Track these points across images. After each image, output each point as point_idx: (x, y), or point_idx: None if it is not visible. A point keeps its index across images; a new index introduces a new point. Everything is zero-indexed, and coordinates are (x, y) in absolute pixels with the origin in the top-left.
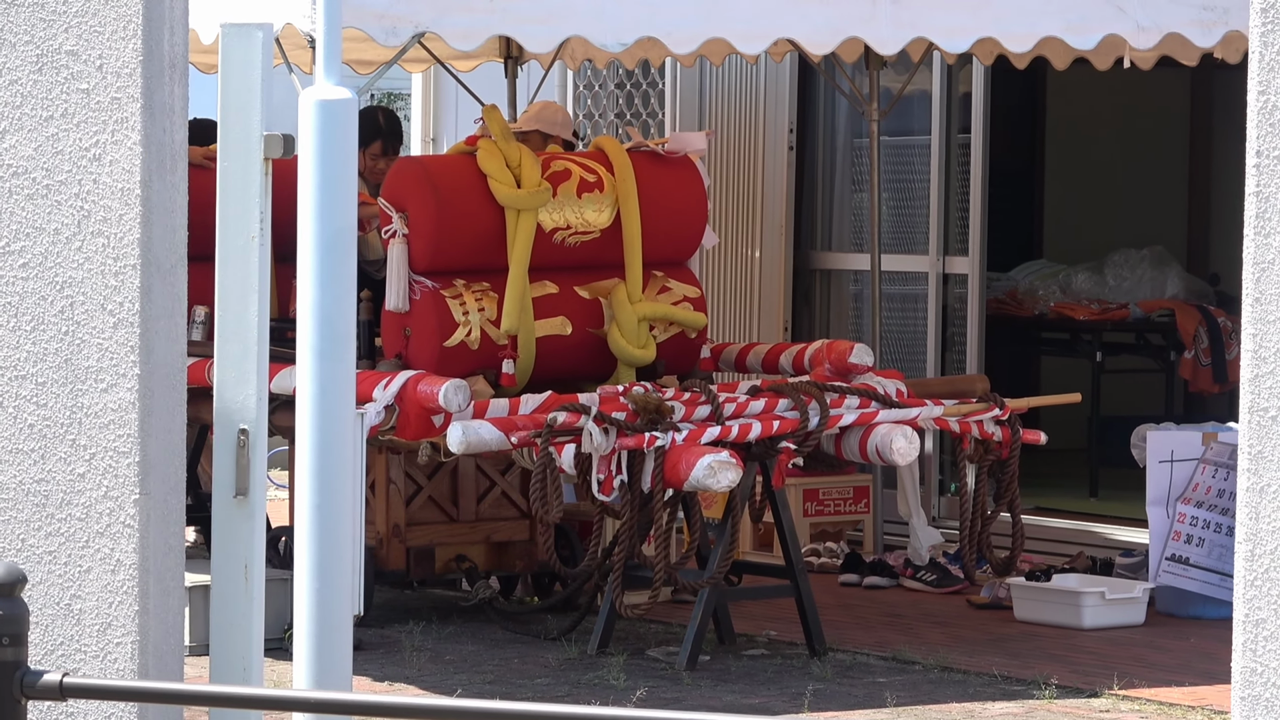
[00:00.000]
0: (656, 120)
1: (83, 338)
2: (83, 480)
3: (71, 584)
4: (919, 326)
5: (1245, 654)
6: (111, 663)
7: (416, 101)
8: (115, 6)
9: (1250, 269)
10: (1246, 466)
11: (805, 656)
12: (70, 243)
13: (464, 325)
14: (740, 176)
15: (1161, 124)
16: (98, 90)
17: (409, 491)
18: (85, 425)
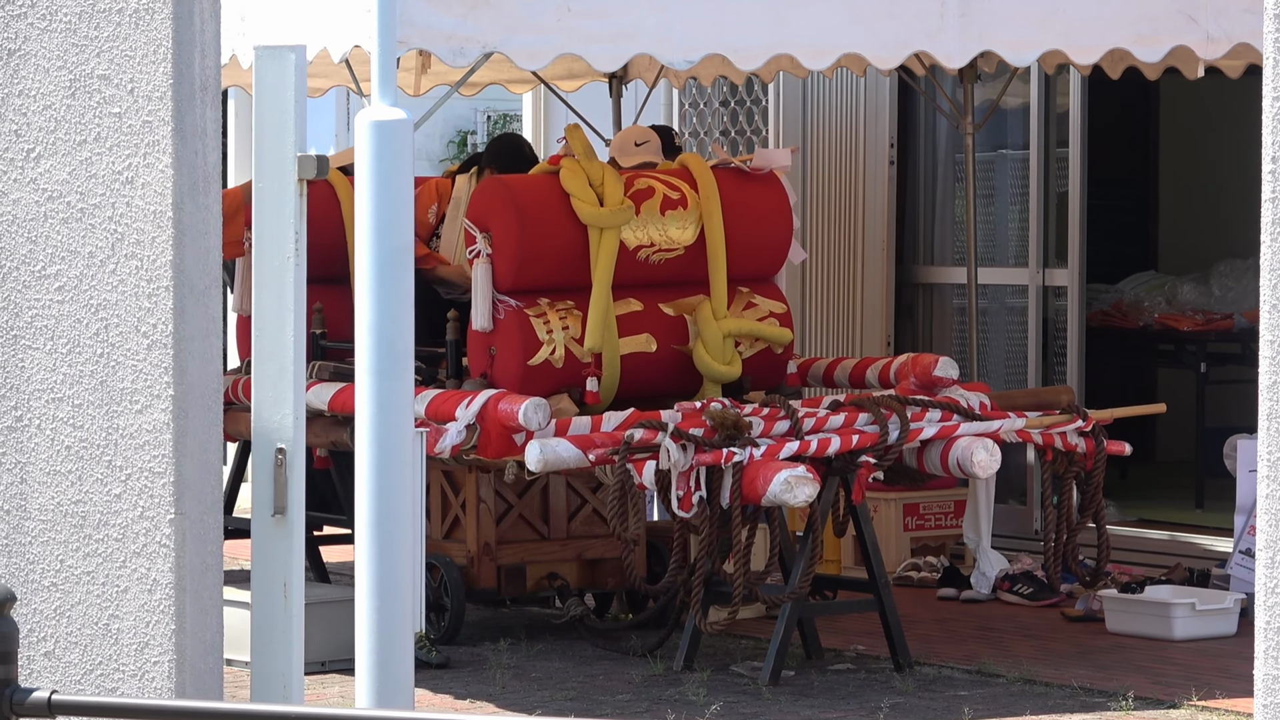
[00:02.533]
0: (760, 137)
1: (118, 359)
2: (119, 501)
3: (110, 604)
4: (1020, 339)
5: (1267, 661)
6: (149, 681)
7: (528, 121)
8: (146, 31)
9: (1267, 275)
10: (1266, 474)
11: (889, 671)
12: (104, 265)
13: (548, 344)
14: (842, 192)
15: None
16: (129, 114)
17: (499, 510)
18: (121, 446)
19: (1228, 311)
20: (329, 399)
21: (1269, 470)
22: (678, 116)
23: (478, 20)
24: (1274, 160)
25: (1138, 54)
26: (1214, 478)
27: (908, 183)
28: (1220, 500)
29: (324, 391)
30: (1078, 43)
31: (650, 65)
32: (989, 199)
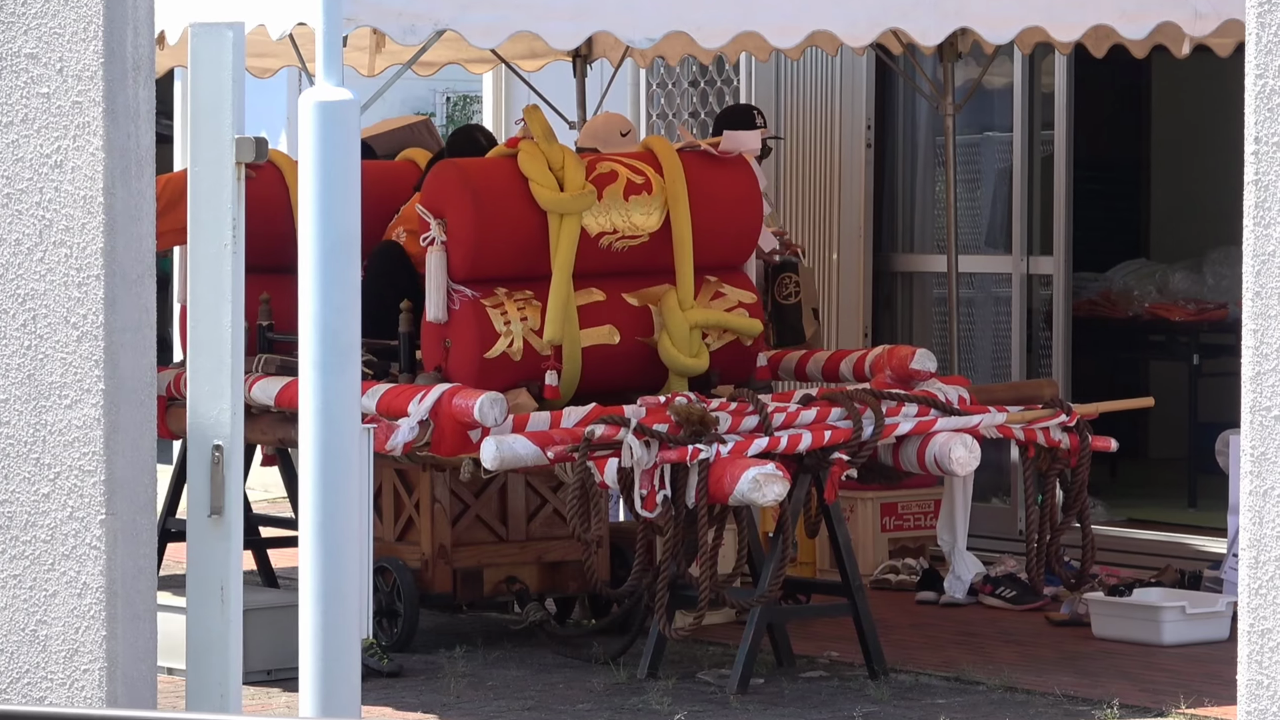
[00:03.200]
0: None
1: (46, 352)
2: (47, 501)
3: (37, 609)
4: (1004, 330)
5: (1251, 666)
6: (79, 690)
7: (488, 102)
8: (75, 7)
9: (1250, 261)
10: (1249, 469)
11: (864, 678)
12: (31, 254)
13: (505, 336)
14: (817, 176)
15: None
16: (58, 94)
17: (455, 511)
18: (49, 443)
19: (1221, 301)
20: (275, 394)
21: (1253, 466)
22: (644, 97)
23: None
24: (1257, 141)
25: (1122, 31)
26: (1207, 475)
27: (886, 167)
28: (1214, 499)
29: (270, 386)
30: (1059, 19)
31: (615, 44)
32: (971, 183)
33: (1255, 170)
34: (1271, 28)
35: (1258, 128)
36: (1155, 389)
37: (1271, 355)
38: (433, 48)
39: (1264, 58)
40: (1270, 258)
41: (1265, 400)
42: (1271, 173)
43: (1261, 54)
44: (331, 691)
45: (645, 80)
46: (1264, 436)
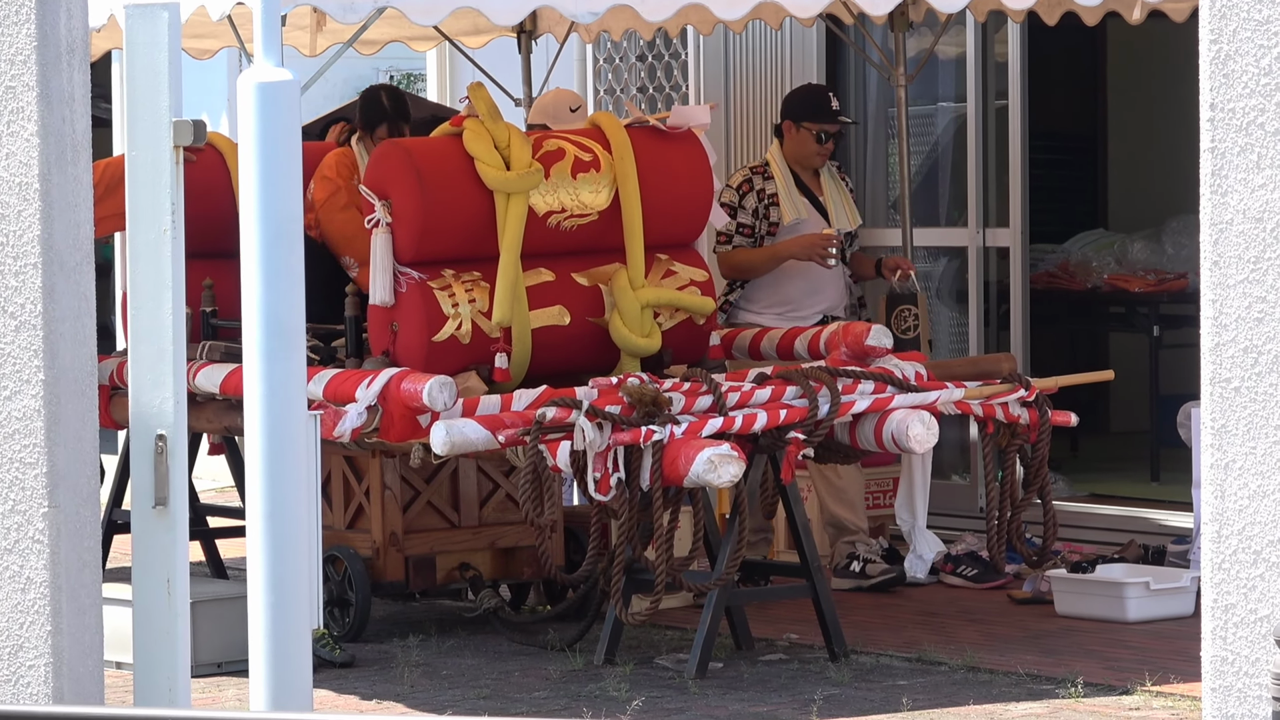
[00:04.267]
0: (680, 93)
1: None
2: None
3: None
4: (961, 305)
5: (1215, 641)
6: (25, 687)
7: (432, 80)
8: None
9: (1208, 230)
10: (1210, 442)
11: (824, 660)
12: None
13: (454, 318)
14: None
15: None
16: None
17: (406, 497)
18: None
19: (1181, 271)
20: (220, 381)
21: (1214, 439)
22: (591, 73)
23: None
24: (1212, 108)
25: None
26: (1170, 448)
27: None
28: (1177, 473)
29: (215, 374)
30: None
31: (560, 20)
32: (925, 155)
33: (1211, 137)
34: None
35: (1213, 94)
36: (1116, 362)
37: (1230, 325)
38: (375, 26)
39: (1218, 22)
40: (1228, 226)
41: (1225, 372)
42: (1227, 140)
43: (1215, 19)
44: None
45: (592, 56)
46: (1224, 408)
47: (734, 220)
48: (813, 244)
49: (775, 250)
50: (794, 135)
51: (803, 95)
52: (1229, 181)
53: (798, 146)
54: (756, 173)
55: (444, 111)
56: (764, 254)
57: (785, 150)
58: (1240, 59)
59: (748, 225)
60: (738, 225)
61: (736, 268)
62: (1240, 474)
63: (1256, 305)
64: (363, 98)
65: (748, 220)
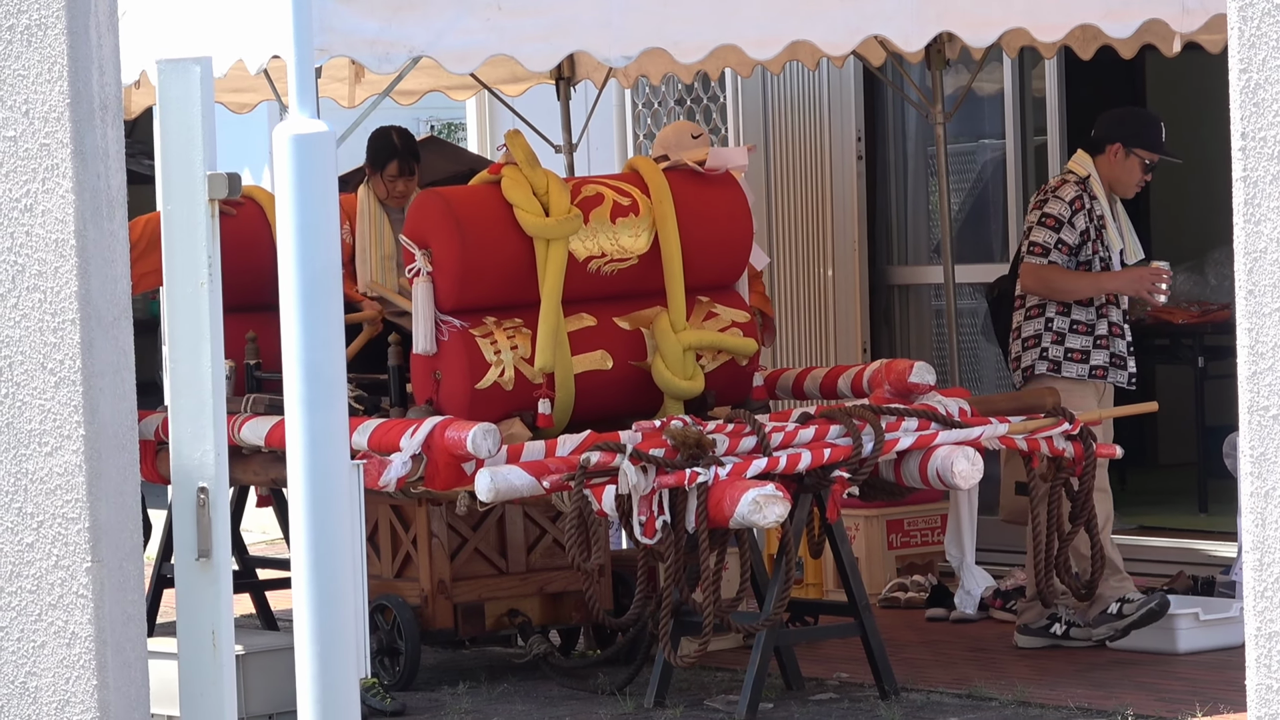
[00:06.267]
0: (720, 136)
1: (24, 399)
2: (31, 550)
3: (26, 660)
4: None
5: (1259, 670)
6: None
7: (472, 128)
8: (39, 49)
9: (1242, 259)
10: (1249, 470)
11: (875, 699)
12: (5, 300)
13: (496, 365)
14: (809, 191)
15: None
16: (24, 137)
17: (453, 545)
18: (31, 492)
19: (1225, 302)
20: (265, 434)
21: (1253, 467)
22: (630, 117)
23: (402, 24)
24: (1244, 137)
25: (1107, 30)
26: (1218, 480)
27: (878, 178)
28: (1225, 503)
29: (260, 426)
30: (1042, 20)
31: (597, 66)
32: (965, 192)
33: (1243, 166)
34: (1253, 21)
35: (1244, 123)
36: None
37: (1267, 354)
38: (413, 76)
39: (1247, 52)
40: (1262, 255)
41: (1263, 400)
42: (1260, 168)
43: (1245, 48)
44: None
45: (630, 101)
46: (1263, 436)
47: (1055, 234)
48: (1143, 279)
49: (1099, 281)
50: (1118, 159)
51: (1142, 120)
52: (1262, 210)
53: (1120, 172)
54: (1083, 189)
55: (482, 164)
56: (1086, 281)
57: (1101, 172)
58: (1271, 87)
59: (1068, 244)
60: (1057, 241)
61: (1047, 285)
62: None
63: None
64: (372, 137)
65: (1073, 239)
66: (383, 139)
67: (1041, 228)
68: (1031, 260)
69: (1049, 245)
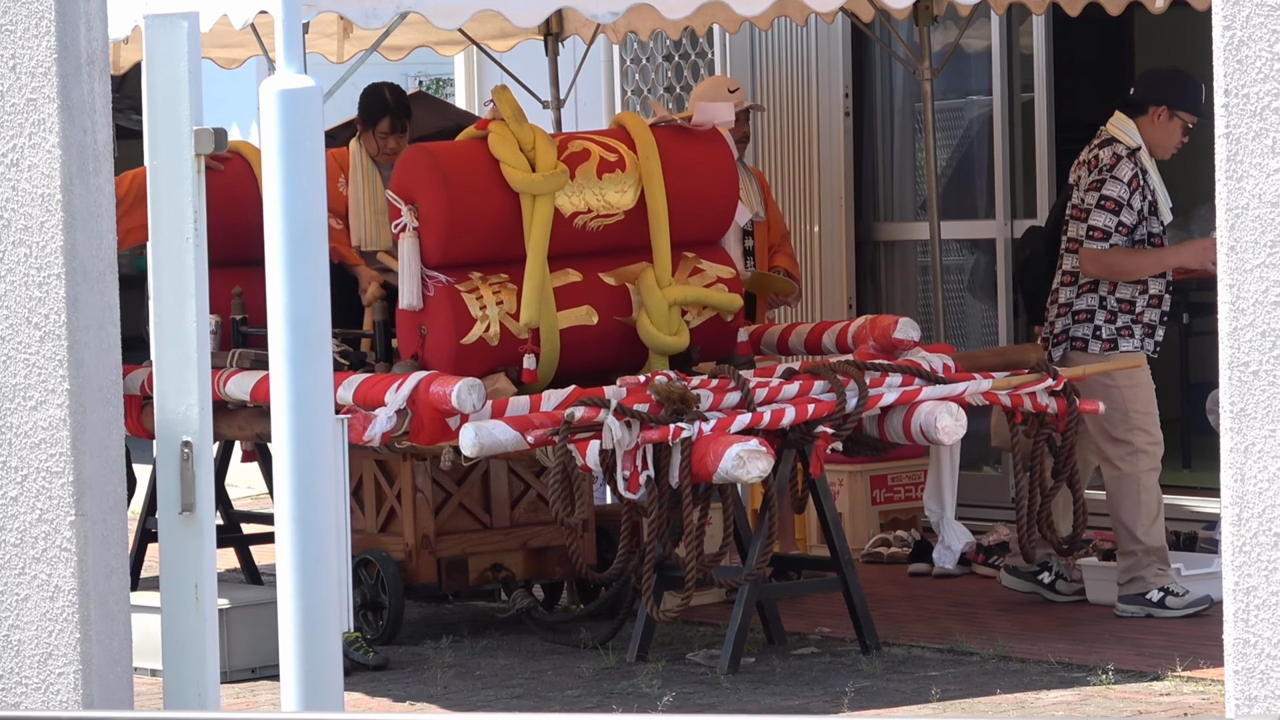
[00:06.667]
0: None
1: (8, 354)
2: (15, 504)
3: (9, 614)
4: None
5: (1237, 625)
6: (54, 694)
7: (460, 84)
8: (26, 3)
9: (1224, 215)
10: (1230, 425)
11: (856, 653)
12: None
13: (482, 320)
14: (795, 147)
15: None
16: (11, 92)
17: (437, 500)
18: (15, 446)
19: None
20: (250, 389)
21: (1233, 422)
22: (619, 74)
23: None
24: (1227, 94)
25: None
26: (1201, 435)
27: (865, 135)
28: (1208, 459)
29: (245, 381)
30: None
31: (586, 22)
32: (952, 149)
33: (1226, 123)
34: None
35: (1227, 80)
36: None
37: (1248, 310)
38: (401, 31)
39: (1231, 8)
40: (1244, 211)
41: (1243, 356)
42: (1242, 125)
43: (1228, 5)
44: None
45: (619, 57)
46: (1243, 392)
47: (1115, 217)
48: (1206, 251)
49: (1164, 257)
50: (1161, 121)
51: (1186, 82)
52: (1244, 167)
53: (1163, 135)
54: (1136, 165)
55: (469, 119)
56: (1151, 259)
57: (1144, 134)
58: (1254, 44)
59: (1128, 226)
60: (1117, 224)
61: (1111, 269)
62: (1260, 457)
63: (1274, 289)
64: (364, 93)
65: (1131, 220)
66: (375, 96)
67: (1101, 211)
68: (1092, 246)
69: (1109, 229)
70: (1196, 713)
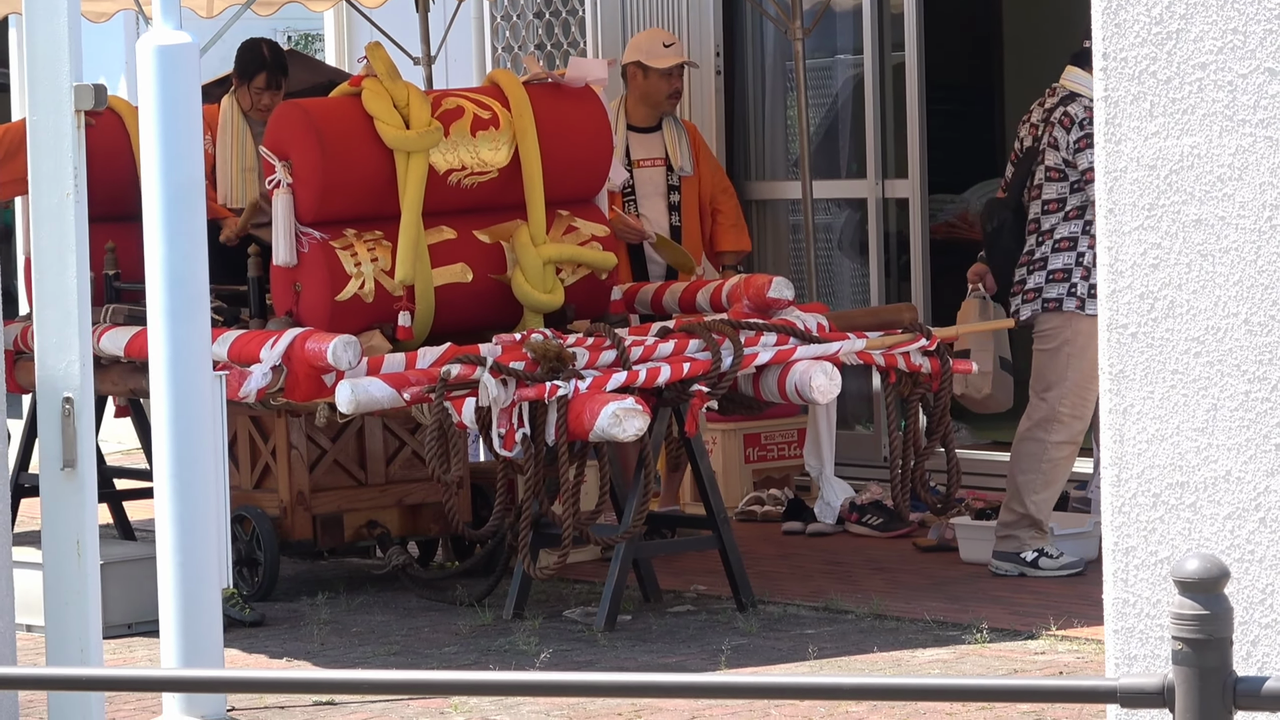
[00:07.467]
0: (579, 50)
1: None
2: None
3: None
4: (861, 255)
5: (1116, 584)
6: None
7: (330, 40)
8: None
9: (1103, 178)
10: (1108, 387)
11: (732, 611)
12: None
13: (356, 277)
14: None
15: None
16: None
17: (312, 456)
18: None
19: None
20: (125, 344)
21: (1111, 384)
22: (489, 30)
23: None
24: (1105, 57)
25: None
26: None
27: (736, 94)
28: None
29: (119, 336)
30: None
31: None
32: (824, 108)
33: (1104, 86)
34: None
35: (1105, 43)
36: None
37: (1126, 272)
38: None
39: None
40: (1122, 174)
41: (1121, 318)
42: (1120, 88)
43: None
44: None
45: (489, 14)
46: (1121, 354)
47: None
48: None
49: None
50: None
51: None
52: (1122, 130)
53: None
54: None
55: (341, 76)
56: None
57: None
58: (1132, 8)
59: None
60: None
61: None
62: (1138, 418)
63: (1151, 251)
64: (241, 48)
65: None
66: (253, 50)
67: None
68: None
69: None
70: (1071, 670)
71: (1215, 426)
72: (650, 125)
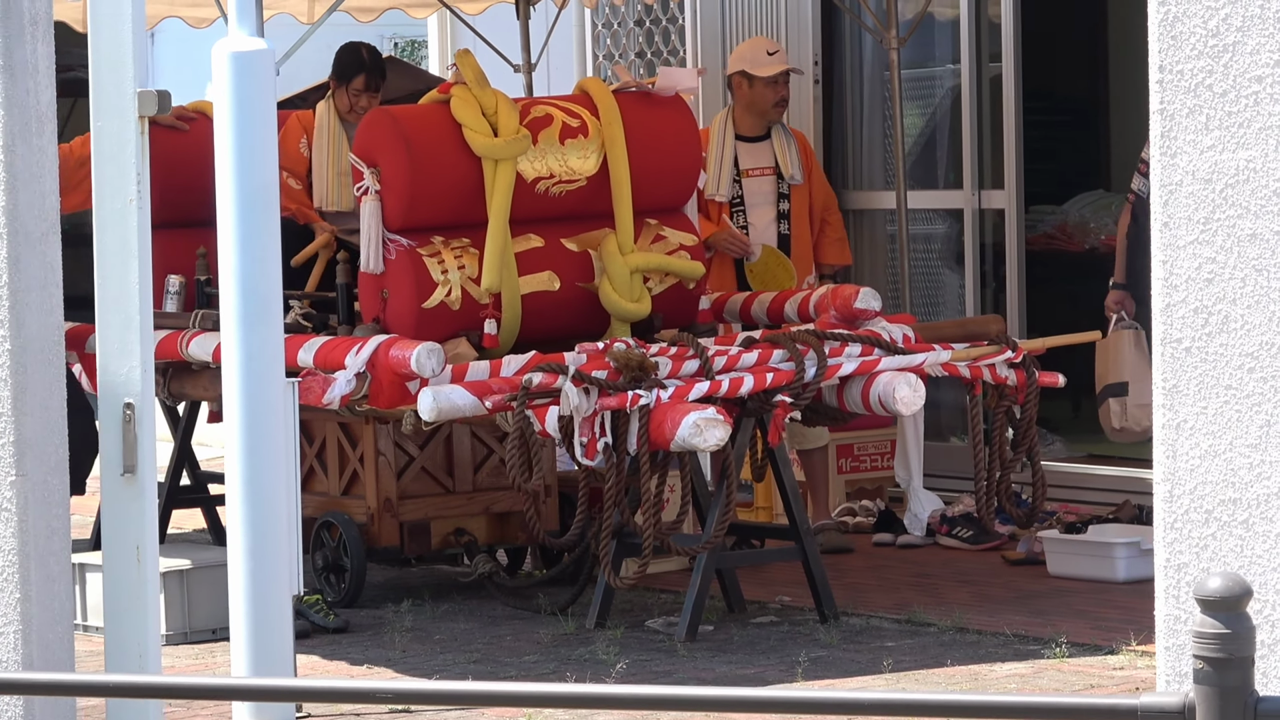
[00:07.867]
0: (678, 58)
1: None
2: None
3: None
4: (957, 266)
5: (1168, 601)
6: None
7: (433, 47)
8: None
9: (1159, 191)
10: (1162, 402)
11: (814, 623)
12: None
13: (443, 285)
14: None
15: None
16: None
17: (400, 463)
18: None
19: None
20: (213, 350)
21: (1165, 399)
22: (590, 38)
23: None
24: (1161, 70)
25: None
26: None
27: (834, 104)
28: None
29: (208, 342)
30: None
31: None
32: (921, 118)
33: (1160, 99)
34: None
35: (1161, 56)
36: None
37: (1180, 286)
38: None
39: None
40: (1177, 187)
41: (1175, 332)
42: (1175, 101)
43: None
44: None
45: (590, 21)
46: (1175, 369)
47: None
48: None
49: None
50: None
51: (338, 58)
52: (1178, 143)
53: None
54: None
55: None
56: None
57: None
58: (1188, 20)
59: None
60: None
61: None
62: (1191, 434)
63: (1206, 266)
64: (340, 50)
65: None
66: (352, 53)
67: None
68: None
69: None
70: (1149, 687)
71: (1269, 443)
72: (758, 134)
